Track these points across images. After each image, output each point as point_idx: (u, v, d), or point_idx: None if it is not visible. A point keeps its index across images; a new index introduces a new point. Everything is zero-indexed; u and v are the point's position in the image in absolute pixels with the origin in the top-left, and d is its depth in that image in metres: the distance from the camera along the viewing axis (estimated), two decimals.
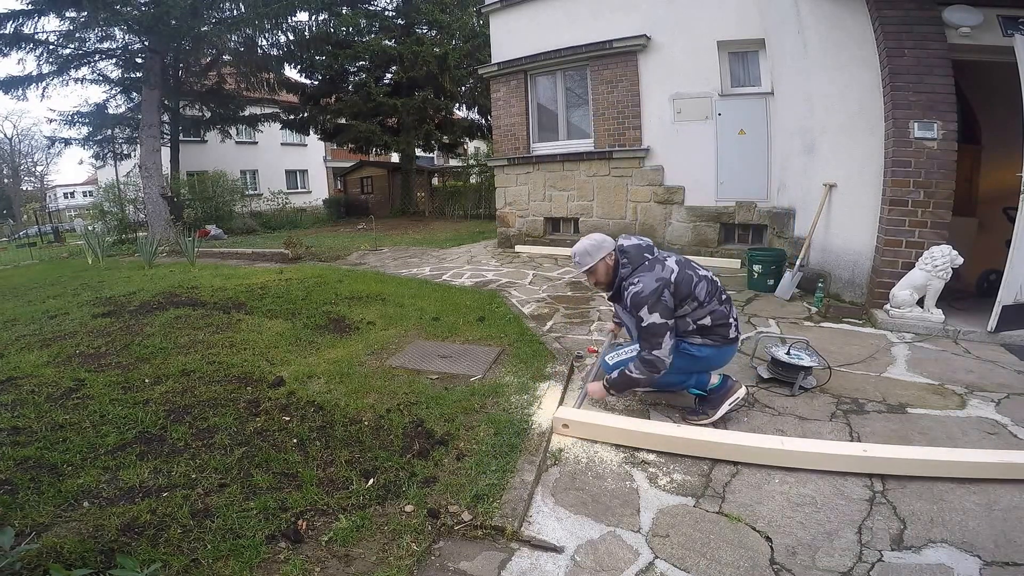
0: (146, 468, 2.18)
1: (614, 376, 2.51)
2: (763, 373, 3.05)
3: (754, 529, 1.86)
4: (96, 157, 18.58)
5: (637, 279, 2.38)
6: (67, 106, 32.94)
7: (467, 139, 19.47)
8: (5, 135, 39.55)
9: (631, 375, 2.43)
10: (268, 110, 17.96)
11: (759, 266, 5.16)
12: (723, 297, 2.53)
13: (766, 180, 6.29)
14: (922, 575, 1.63)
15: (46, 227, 20.23)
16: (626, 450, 2.37)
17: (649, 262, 2.45)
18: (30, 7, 12.08)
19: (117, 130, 16.86)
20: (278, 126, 19.08)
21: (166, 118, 16.00)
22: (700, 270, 2.51)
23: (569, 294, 5.32)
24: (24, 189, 40.81)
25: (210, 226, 14.03)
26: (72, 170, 55.77)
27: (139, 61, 14.25)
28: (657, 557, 1.74)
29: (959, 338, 3.70)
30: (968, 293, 4.55)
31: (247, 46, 14.23)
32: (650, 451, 2.34)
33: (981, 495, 1.98)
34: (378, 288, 5.62)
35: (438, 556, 1.73)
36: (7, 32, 12.02)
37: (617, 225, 7.43)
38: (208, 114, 17.22)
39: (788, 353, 2.92)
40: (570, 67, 7.77)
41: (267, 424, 2.58)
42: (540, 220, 8.34)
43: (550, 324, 4.29)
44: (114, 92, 15.91)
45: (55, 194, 43.22)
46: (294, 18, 13.96)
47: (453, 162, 22.82)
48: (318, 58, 15.45)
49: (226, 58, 15.33)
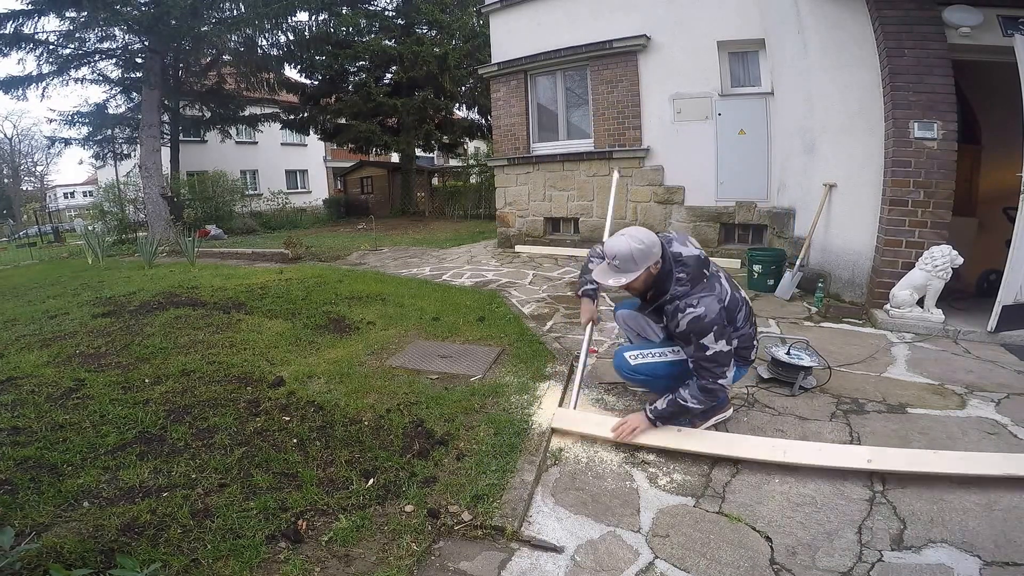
0: (146, 468, 2.18)
1: (662, 407, 2.25)
2: (763, 373, 3.05)
3: (754, 529, 1.86)
4: (96, 157, 18.58)
5: (697, 301, 2.08)
6: (67, 106, 32.95)
7: (467, 139, 19.46)
8: (5, 135, 39.59)
9: (686, 405, 2.18)
10: (268, 110, 17.95)
11: (759, 266, 5.16)
12: (753, 320, 2.46)
13: (766, 180, 6.29)
14: (922, 575, 1.63)
15: (46, 227, 20.22)
16: (626, 450, 2.36)
17: (708, 280, 2.16)
18: (30, 7, 12.08)
19: (117, 130, 16.86)
20: (278, 126, 19.07)
21: (166, 118, 15.99)
22: (740, 291, 2.35)
23: (569, 294, 5.31)
24: (24, 189, 40.81)
25: (210, 226, 14.02)
26: (72, 170, 55.84)
27: (139, 61, 14.24)
28: (657, 557, 1.74)
29: (959, 338, 3.70)
30: (968, 293, 4.55)
31: (247, 46, 14.23)
32: (650, 451, 2.34)
33: (981, 495, 1.98)
34: (378, 288, 5.62)
35: (438, 556, 1.73)
36: (7, 32, 12.01)
37: (617, 225, 7.40)
38: (208, 114, 17.22)
39: (788, 353, 2.93)
40: (570, 67, 7.77)
41: (267, 424, 2.58)
42: (540, 220, 8.34)
43: (550, 324, 4.29)
44: (114, 92, 15.91)
45: (55, 194, 43.22)
46: (294, 18, 13.98)
47: (453, 162, 22.82)
48: (318, 58, 15.45)
49: (226, 58, 15.33)
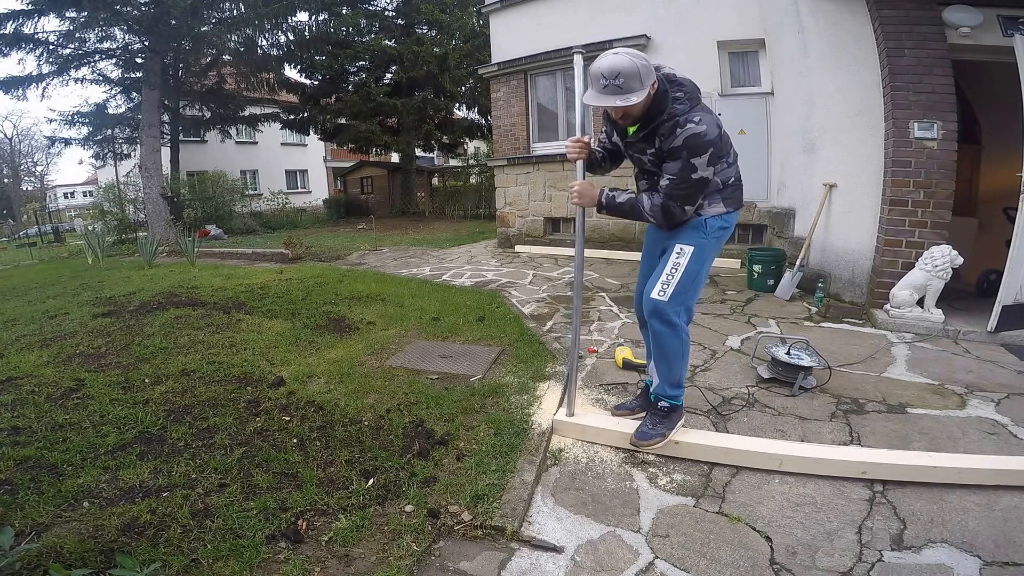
0: (146, 468, 2.18)
1: (621, 200, 2.12)
2: (763, 373, 3.05)
3: (754, 529, 1.86)
4: (96, 157, 18.61)
5: (699, 118, 1.89)
6: (67, 106, 32.99)
7: (467, 139, 19.49)
8: (5, 135, 39.60)
9: (641, 211, 2.06)
10: (268, 110, 17.97)
11: (759, 266, 5.16)
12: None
13: (766, 180, 6.29)
14: (922, 575, 1.63)
15: (46, 227, 20.22)
16: (626, 450, 2.36)
17: (702, 103, 1.99)
18: (30, 7, 12.10)
19: (117, 130, 16.88)
20: (278, 126, 19.09)
21: (166, 118, 16.01)
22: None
23: (569, 294, 5.31)
24: (24, 189, 40.81)
25: (210, 226, 14.02)
26: (72, 170, 55.86)
27: (139, 61, 14.26)
28: (657, 557, 1.74)
29: (959, 338, 3.70)
30: (968, 293, 4.55)
31: (247, 46, 14.24)
32: (649, 452, 2.34)
33: (981, 495, 1.98)
34: (378, 288, 5.61)
35: (438, 556, 1.73)
36: (7, 32, 12.03)
37: (617, 225, 7.43)
38: (208, 114, 17.22)
39: (788, 353, 2.92)
40: (570, 67, 7.72)
41: (267, 424, 2.58)
42: (540, 220, 8.34)
43: (550, 324, 4.29)
44: (114, 92, 15.93)
45: (55, 194, 43.20)
46: (294, 18, 13.98)
47: (453, 162, 22.82)
48: (318, 58, 15.46)
49: (226, 58, 15.34)
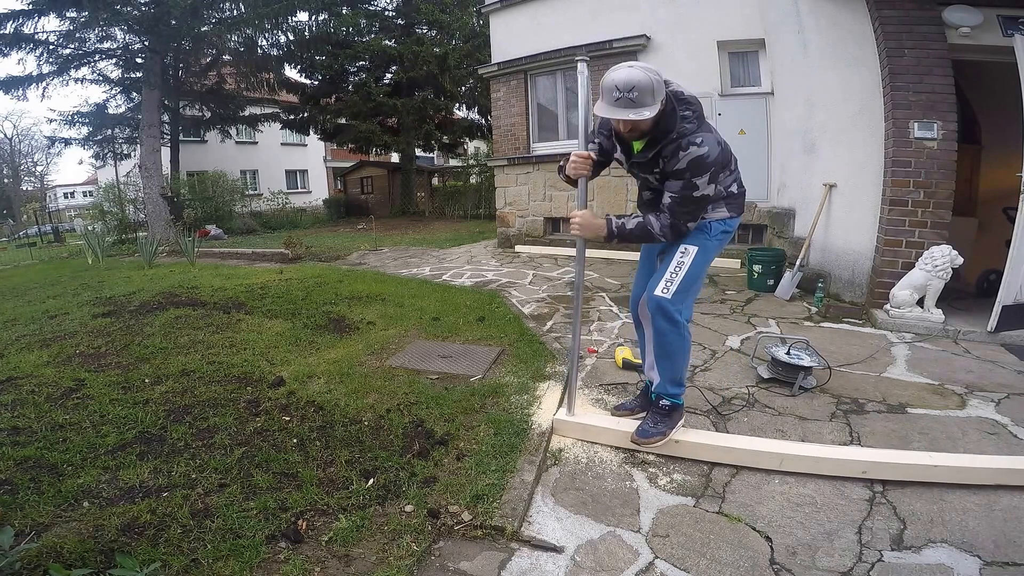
0: (146, 468, 2.18)
1: (631, 226, 2.11)
2: (763, 373, 3.05)
3: (754, 529, 1.86)
4: (96, 157, 18.60)
5: (701, 139, 1.94)
6: (67, 106, 33.00)
7: (467, 139, 19.47)
8: (5, 135, 39.58)
9: (652, 232, 2.06)
10: (268, 110, 17.96)
11: (759, 266, 5.16)
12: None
13: (766, 180, 6.29)
14: (922, 575, 1.63)
15: (46, 227, 20.23)
16: (626, 450, 2.36)
17: (705, 121, 2.03)
18: (30, 7, 12.09)
19: (117, 130, 16.88)
20: (278, 126, 19.08)
21: (166, 118, 16.00)
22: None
23: (569, 294, 5.31)
24: (24, 189, 40.81)
25: (210, 226, 14.02)
26: (72, 170, 55.85)
27: (139, 61, 14.26)
28: (657, 557, 1.74)
29: (959, 338, 3.70)
30: (968, 293, 4.55)
31: (247, 46, 14.24)
32: (649, 452, 2.34)
33: (981, 495, 1.98)
34: (378, 288, 5.61)
35: (438, 556, 1.73)
36: (7, 32, 12.03)
37: None
38: (208, 114, 17.22)
39: (788, 353, 2.92)
40: (570, 67, 7.75)
41: (267, 424, 2.58)
42: (540, 220, 8.34)
43: (550, 324, 4.29)
44: (114, 92, 15.93)
45: (55, 194, 43.18)
46: (294, 18, 13.98)
47: (453, 162, 22.81)
48: (318, 58, 15.46)
49: (226, 58, 15.33)
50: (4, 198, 37.46)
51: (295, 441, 2.41)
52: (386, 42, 15.66)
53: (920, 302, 3.90)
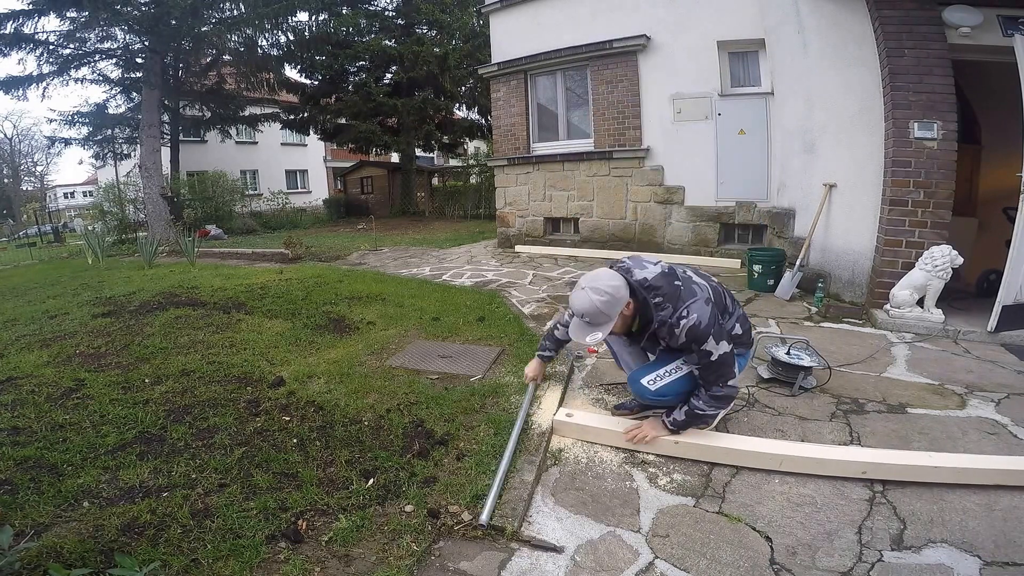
0: (146, 468, 2.18)
1: (680, 418, 2.20)
2: (763, 373, 3.05)
3: (754, 529, 1.86)
4: (96, 157, 18.62)
5: (686, 311, 2.00)
6: (67, 106, 33.01)
7: (467, 139, 19.47)
8: (5, 135, 39.61)
9: (703, 414, 2.15)
10: (268, 110, 17.96)
11: (759, 266, 5.16)
12: (734, 298, 2.35)
13: (766, 180, 6.29)
14: (922, 575, 1.63)
15: (46, 227, 20.23)
16: (626, 450, 2.36)
17: (683, 288, 2.07)
18: (30, 7, 12.09)
19: (117, 130, 16.89)
20: (278, 126, 19.09)
21: (166, 118, 16.01)
22: (712, 278, 2.25)
23: (569, 294, 5.31)
24: (24, 189, 40.81)
25: (210, 226, 14.03)
26: (72, 170, 55.88)
27: (139, 61, 14.26)
28: (657, 557, 1.74)
29: (959, 338, 3.70)
30: (968, 293, 4.55)
31: (247, 46, 14.24)
32: (649, 452, 2.34)
33: (981, 495, 1.98)
34: (378, 288, 5.61)
35: (438, 556, 1.73)
36: (7, 32, 12.03)
37: (617, 225, 7.43)
38: (208, 114, 17.23)
39: (788, 353, 2.92)
40: (570, 67, 7.76)
41: (267, 424, 2.58)
42: (540, 220, 8.34)
43: (550, 324, 4.28)
44: (114, 92, 15.95)
45: (55, 194, 43.21)
46: (294, 18, 13.99)
47: (453, 162, 22.82)
48: (318, 58, 15.46)
49: (226, 58, 15.34)
50: (4, 198, 37.46)
51: (295, 441, 2.41)
52: (386, 42, 15.65)
53: (920, 302, 3.90)
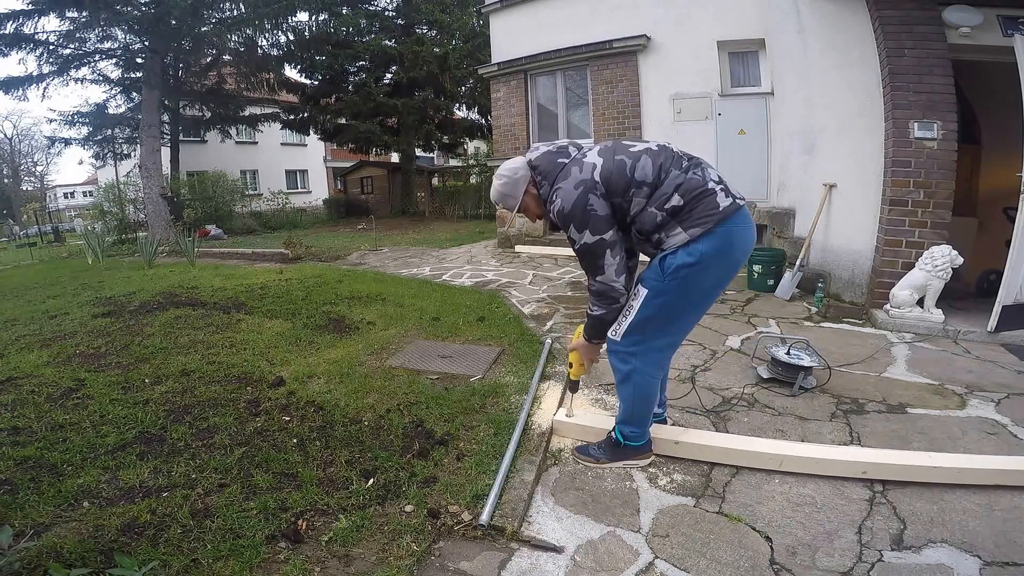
0: (146, 468, 2.18)
1: (588, 323, 2.08)
2: (763, 373, 3.05)
3: (754, 529, 1.86)
4: (96, 157, 18.63)
5: (554, 195, 1.88)
6: (67, 106, 32.97)
7: (467, 139, 19.50)
8: (5, 135, 39.62)
9: (593, 313, 2.01)
10: (268, 110, 17.98)
11: (759, 266, 5.16)
12: (691, 163, 1.88)
13: (766, 180, 6.30)
14: (922, 575, 1.63)
15: (46, 227, 20.24)
16: None
17: (564, 167, 1.91)
18: (30, 7, 12.11)
19: (117, 130, 16.91)
20: (278, 126, 19.10)
21: (166, 118, 16.03)
22: (637, 145, 1.92)
23: (569, 294, 5.31)
24: (24, 189, 40.81)
25: (210, 226, 14.03)
26: (72, 170, 55.85)
27: (139, 61, 14.27)
28: (657, 557, 1.74)
29: (959, 338, 3.70)
30: (968, 293, 4.55)
31: (247, 46, 14.27)
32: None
33: (981, 495, 1.98)
34: (378, 288, 5.61)
35: (438, 556, 1.73)
36: (7, 32, 12.05)
37: None
38: (208, 114, 17.25)
39: (788, 353, 2.92)
40: (570, 67, 7.77)
41: (267, 424, 2.58)
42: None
43: (550, 324, 4.29)
44: (114, 92, 15.96)
45: (55, 194, 43.20)
46: (294, 18, 14.02)
47: (453, 162, 22.83)
48: (318, 58, 15.48)
49: (226, 58, 15.36)
50: (4, 198, 37.45)
51: (295, 441, 2.41)
52: (386, 42, 15.66)
53: (920, 302, 3.90)
